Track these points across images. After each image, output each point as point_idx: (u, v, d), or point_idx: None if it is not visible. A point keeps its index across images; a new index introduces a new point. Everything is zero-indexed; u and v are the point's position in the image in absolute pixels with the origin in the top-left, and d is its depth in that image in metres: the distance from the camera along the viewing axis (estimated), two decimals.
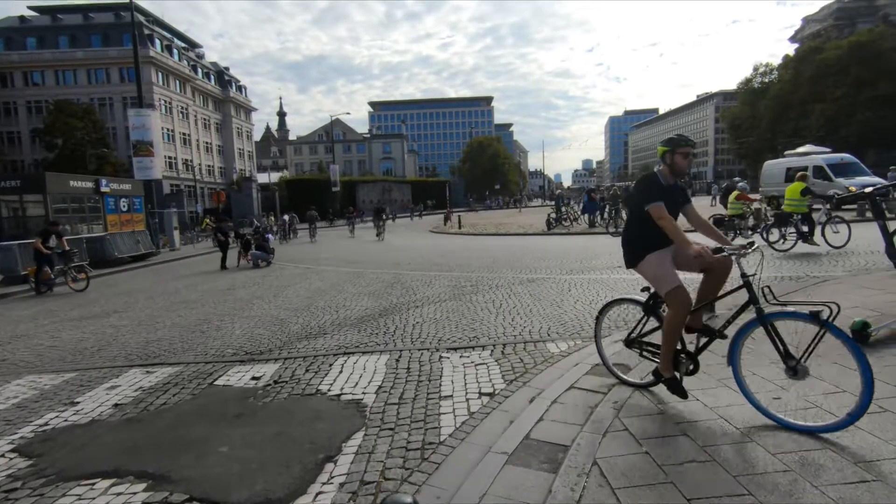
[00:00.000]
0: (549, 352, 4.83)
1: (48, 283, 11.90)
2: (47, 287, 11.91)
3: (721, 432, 2.89)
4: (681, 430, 2.96)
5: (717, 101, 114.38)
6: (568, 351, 4.80)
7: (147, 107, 50.07)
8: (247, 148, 75.06)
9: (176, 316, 7.85)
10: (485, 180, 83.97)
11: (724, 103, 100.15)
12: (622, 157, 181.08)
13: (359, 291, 8.92)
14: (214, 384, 4.57)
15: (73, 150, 43.27)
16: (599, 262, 10.47)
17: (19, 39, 52.19)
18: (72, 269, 11.94)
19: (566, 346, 4.99)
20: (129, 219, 23.72)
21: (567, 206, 23.05)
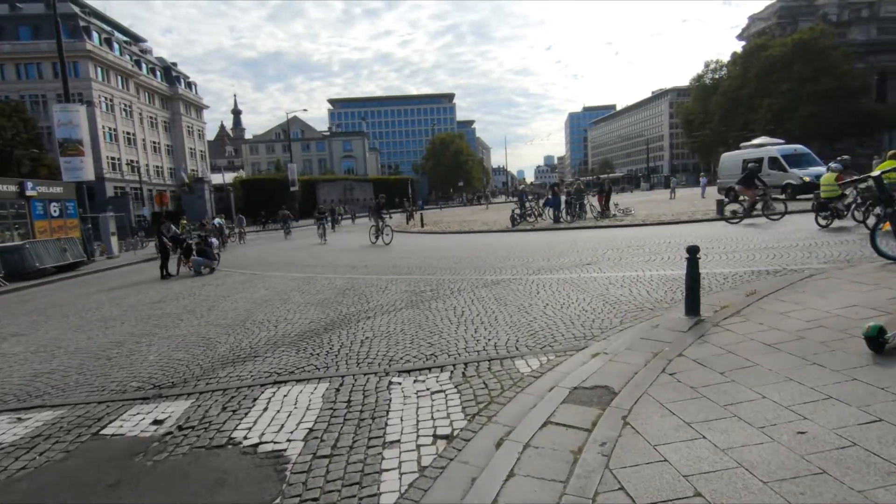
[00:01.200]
0: (518, 372, 4.09)
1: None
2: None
3: (744, 487, 2.21)
4: (693, 487, 2.25)
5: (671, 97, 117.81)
6: (540, 370, 4.07)
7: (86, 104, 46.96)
8: (199, 147, 71.60)
9: (85, 338, 6.71)
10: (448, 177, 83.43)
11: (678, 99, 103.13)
12: (582, 153, 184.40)
13: (306, 301, 7.97)
14: (100, 434, 3.60)
15: (8, 152, 39.78)
16: (567, 261, 9.88)
17: None
18: None
19: (537, 362, 4.27)
20: (61, 224, 21.67)
21: (531, 202, 22.58)
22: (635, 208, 22.75)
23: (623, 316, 5.49)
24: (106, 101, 50.81)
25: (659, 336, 4.51)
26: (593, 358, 4.19)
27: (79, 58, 47.72)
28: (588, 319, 5.48)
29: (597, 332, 4.98)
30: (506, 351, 4.68)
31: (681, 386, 3.38)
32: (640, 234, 13.73)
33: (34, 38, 47.94)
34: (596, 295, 6.59)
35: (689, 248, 4.89)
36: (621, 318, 5.43)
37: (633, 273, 7.85)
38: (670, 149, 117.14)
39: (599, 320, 5.41)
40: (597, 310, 5.85)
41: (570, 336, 4.95)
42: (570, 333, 5.03)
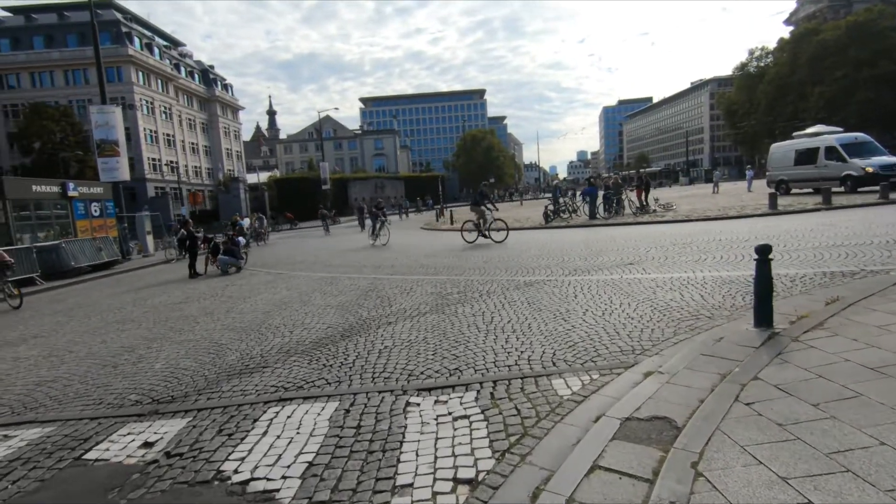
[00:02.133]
0: (556, 394, 3.48)
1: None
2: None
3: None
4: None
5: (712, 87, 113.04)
6: (582, 392, 3.45)
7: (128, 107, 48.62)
8: (235, 148, 73.31)
9: (99, 342, 6.48)
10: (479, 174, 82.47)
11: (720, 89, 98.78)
12: (617, 147, 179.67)
13: (326, 303, 7.55)
14: (83, 459, 3.21)
15: (51, 155, 41.63)
16: (606, 260, 9.13)
17: None
18: (8, 285, 10.54)
19: (579, 382, 3.65)
20: (101, 224, 22.24)
21: (565, 198, 21.67)
22: (676, 203, 21.51)
23: (676, 325, 4.78)
24: (147, 103, 52.47)
25: (725, 352, 3.80)
26: (646, 378, 3.53)
27: (121, 63, 49.43)
28: (635, 329, 4.79)
29: (647, 345, 4.31)
30: (541, 366, 4.07)
31: (763, 421, 2.71)
32: (685, 230, 12.76)
33: (80, 44, 49.93)
34: (642, 300, 5.87)
35: (758, 247, 4.15)
36: (674, 327, 4.72)
37: (683, 274, 7.06)
38: (711, 141, 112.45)
39: (649, 330, 4.72)
40: (644, 317, 5.15)
41: (616, 349, 4.29)
42: (616, 346, 4.37)
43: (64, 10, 52.32)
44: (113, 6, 53.73)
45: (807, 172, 20.89)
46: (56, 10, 53.14)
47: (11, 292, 10.46)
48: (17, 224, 18.37)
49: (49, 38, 50.82)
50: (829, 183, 18.04)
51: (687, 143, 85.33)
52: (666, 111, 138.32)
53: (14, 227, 18.17)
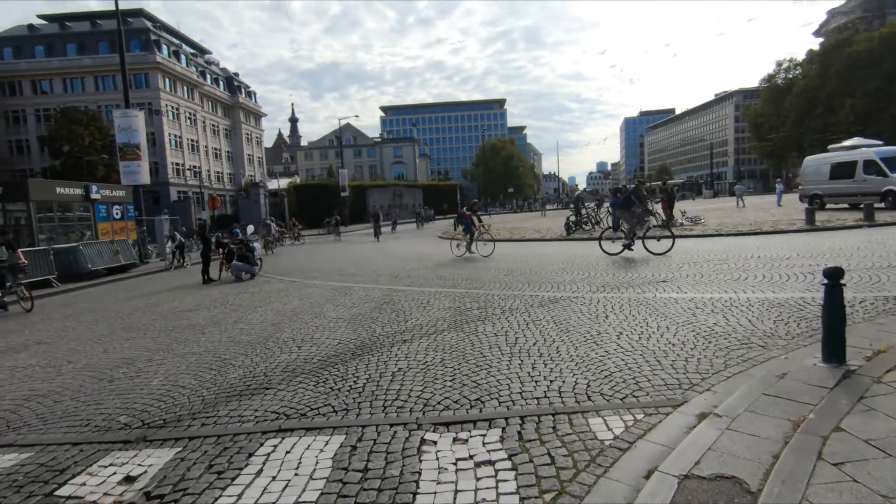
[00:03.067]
0: (594, 437, 3.00)
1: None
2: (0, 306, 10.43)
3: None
4: None
5: (737, 99, 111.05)
6: (626, 437, 2.96)
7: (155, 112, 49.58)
8: (256, 154, 74.28)
9: (101, 351, 6.18)
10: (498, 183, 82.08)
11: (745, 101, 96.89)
12: (638, 159, 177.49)
13: (339, 315, 7.16)
14: (54, 496, 2.83)
15: (79, 158, 42.56)
16: (636, 276, 8.57)
17: (28, 48, 51.98)
18: (21, 287, 10.42)
19: (620, 424, 3.15)
20: (122, 227, 22.41)
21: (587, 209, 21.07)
22: (704, 217, 20.72)
23: (726, 355, 4.24)
24: (173, 109, 53.47)
25: (792, 392, 3.27)
26: (701, 422, 3.02)
27: (149, 69, 50.52)
28: (679, 357, 4.27)
29: (695, 379, 3.79)
30: (574, 401, 3.58)
31: (863, 491, 2.19)
32: (717, 245, 12.09)
33: (111, 51, 51.13)
34: (682, 323, 5.33)
35: (828, 270, 3.62)
36: (724, 358, 4.19)
37: (724, 295, 6.49)
38: (735, 154, 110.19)
39: (695, 360, 4.19)
40: (687, 343, 4.62)
41: (660, 382, 3.78)
42: (659, 378, 3.86)
43: (97, 19, 53.87)
44: (143, 15, 55.14)
45: (843, 187, 19.94)
46: (89, 18, 54.74)
47: (24, 295, 10.34)
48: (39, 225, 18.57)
49: (81, 45, 52.28)
50: (869, 198, 17.12)
51: (711, 156, 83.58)
52: (689, 123, 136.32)
53: (36, 228, 18.37)
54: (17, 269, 10.63)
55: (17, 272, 10.65)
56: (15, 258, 10.72)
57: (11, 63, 51.08)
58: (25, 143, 51.33)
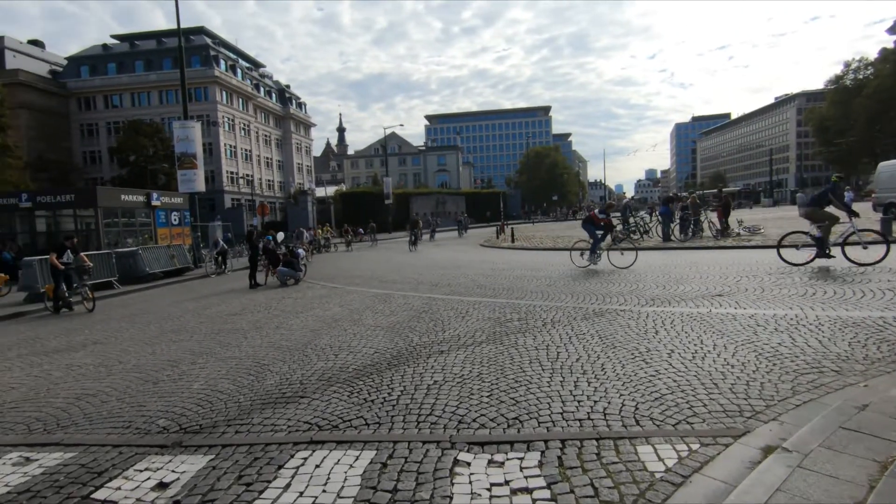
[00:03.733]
0: (644, 468, 2.73)
1: (65, 301, 11.08)
2: (66, 305, 11.10)
3: None
4: None
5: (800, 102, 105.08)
6: (681, 470, 2.67)
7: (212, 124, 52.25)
8: (305, 162, 76.78)
9: (149, 353, 6.39)
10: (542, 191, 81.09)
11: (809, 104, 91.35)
12: (690, 166, 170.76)
13: (377, 323, 7.12)
14: (91, 498, 2.86)
15: (144, 167, 45.42)
16: (689, 289, 8.07)
17: (101, 66, 56.12)
18: (85, 288, 11.06)
19: (673, 454, 2.86)
20: (179, 232, 23.64)
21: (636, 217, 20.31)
22: (763, 226, 19.50)
23: (794, 380, 3.83)
24: (228, 121, 56.16)
25: (875, 427, 2.87)
26: (767, 457, 2.70)
27: (208, 83, 53.35)
28: (739, 381, 3.90)
29: (758, 405, 3.43)
30: (621, 424, 3.31)
31: None
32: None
33: (174, 67, 54.43)
34: (741, 342, 4.91)
35: None
36: (791, 383, 3.78)
37: (789, 311, 5.96)
38: (798, 160, 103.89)
39: (757, 384, 3.81)
40: (748, 365, 4.23)
41: (717, 408, 3.45)
42: (716, 403, 3.52)
43: (162, 37, 57.52)
44: (204, 32, 58.46)
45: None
46: (156, 37, 58.57)
47: (87, 295, 10.96)
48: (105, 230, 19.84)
49: (148, 62, 55.92)
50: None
51: (771, 162, 79.13)
52: (746, 128, 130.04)
53: (103, 233, 19.63)
54: (82, 270, 11.30)
55: (83, 274, 11.32)
56: (80, 261, 11.40)
57: (87, 80, 55.30)
58: (98, 153, 55.26)
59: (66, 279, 11.09)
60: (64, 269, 10.93)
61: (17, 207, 19.81)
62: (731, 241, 15.73)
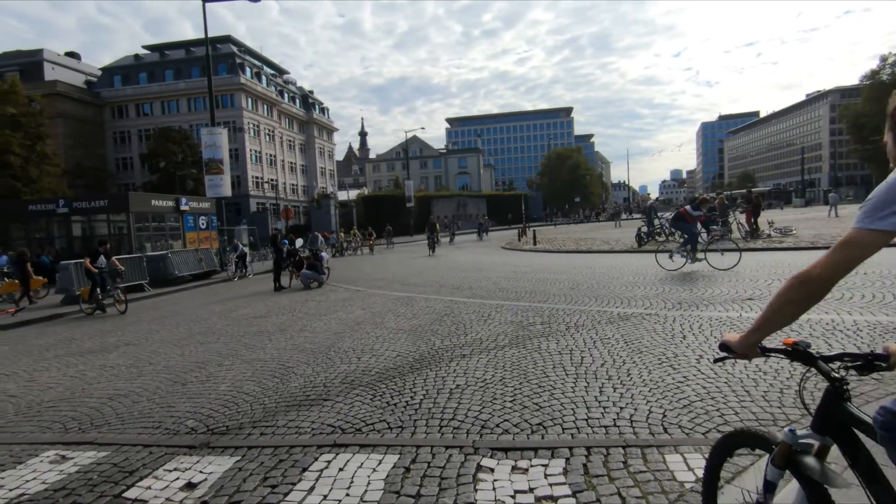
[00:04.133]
0: (672, 478, 2.66)
1: (99, 304, 11.47)
2: (99, 308, 11.48)
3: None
4: None
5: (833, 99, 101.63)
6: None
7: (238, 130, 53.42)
8: (328, 166, 77.82)
9: (178, 354, 6.55)
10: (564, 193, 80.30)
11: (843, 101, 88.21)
12: (717, 166, 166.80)
13: (399, 326, 7.14)
14: (123, 497, 2.93)
15: (173, 173, 46.76)
16: (717, 293, 7.86)
17: (133, 75, 58.05)
18: (118, 291, 11.42)
19: (703, 462, 2.77)
20: (206, 236, 24.24)
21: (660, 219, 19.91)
22: (795, 227, 18.89)
23: None
24: (253, 126, 57.36)
25: None
26: None
27: (234, 90, 54.60)
28: (772, 388, 3.77)
29: (793, 415, 3.30)
30: (648, 432, 3.23)
31: None
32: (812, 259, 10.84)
33: (202, 76, 55.89)
34: None
35: None
36: None
37: (824, 316, 5.75)
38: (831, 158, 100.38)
39: (792, 392, 3.68)
40: (782, 372, 4.09)
41: (749, 416, 3.34)
42: (749, 412, 3.41)
43: (191, 47, 59.16)
44: (231, 41, 59.87)
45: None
46: (184, 46, 60.29)
47: (119, 298, 11.32)
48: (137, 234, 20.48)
49: (178, 70, 57.58)
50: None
51: (802, 161, 76.70)
52: (775, 126, 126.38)
53: (135, 237, 20.26)
54: (115, 274, 11.67)
55: (115, 277, 11.69)
56: (112, 265, 11.77)
57: (120, 89, 57.25)
58: (130, 160, 57.09)
59: (100, 282, 11.47)
60: (98, 272, 11.31)
61: (55, 213, 20.63)
62: (761, 243, 15.28)
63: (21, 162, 36.89)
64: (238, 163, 52.92)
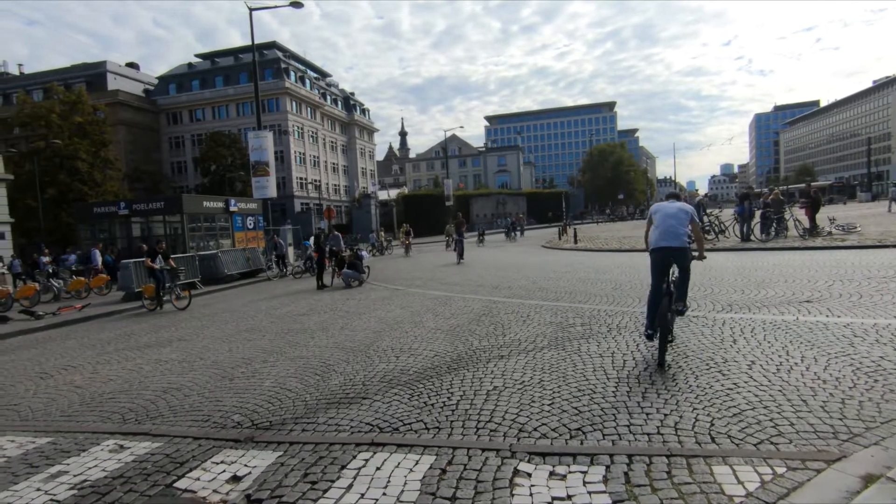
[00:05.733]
0: (721, 491, 2.53)
1: (159, 300, 12.01)
2: (159, 304, 12.03)
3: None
4: None
5: None
6: (764, 494, 2.46)
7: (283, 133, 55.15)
8: (369, 167, 79.13)
9: (226, 350, 6.83)
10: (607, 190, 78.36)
11: None
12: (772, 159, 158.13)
13: (437, 326, 7.16)
14: (173, 487, 3.09)
15: (223, 176, 48.85)
16: (772, 294, 7.45)
17: (187, 83, 60.98)
18: (176, 288, 12.00)
19: (755, 477, 2.64)
20: (254, 236, 25.20)
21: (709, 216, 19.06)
22: (860, 224, 17.64)
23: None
24: (298, 129, 59.06)
25: None
26: (868, 487, 2.41)
27: (279, 94, 56.39)
28: (832, 398, 3.53)
29: (857, 428, 3.08)
30: (695, 441, 3.10)
31: None
32: (880, 259, 10.15)
33: (250, 81, 58.04)
34: (834, 354, 4.45)
35: None
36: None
37: (893, 322, 5.34)
38: None
39: (855, 403, 3.43)
40: (844, 381, 3.82)
41: (807, 428, 3.14)
42: (805, 423, 3.21)
43: (239, 54, 61.53)
44: (276, 46, 61.88)
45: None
46: (233, 53, 62.76)
47: (180, 294, 11.81)
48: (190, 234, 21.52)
49: (227, 77, 60.03)
50: None
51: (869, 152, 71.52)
52: (837, 116, 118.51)
53: (188, 237, 21.31)
54: (174, 272, 12.24)
55: (175, 275, 12.26)
56: (168, 264, 12.36)
57: (174, 97, 60.31)
58: (184, 163, 60.04)
59: (161, 280, 11.94)
60: (158, 270, 11.85)
61: (117, 215, 21.98)
62: (820, 241, 14.35)
63: (87, 167, 39.55)
64: (283, 164, 54.63)
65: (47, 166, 37.03)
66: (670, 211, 4.96)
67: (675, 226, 4.82)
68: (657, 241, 4.91)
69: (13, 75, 62.77)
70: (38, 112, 38.95)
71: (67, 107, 39.43)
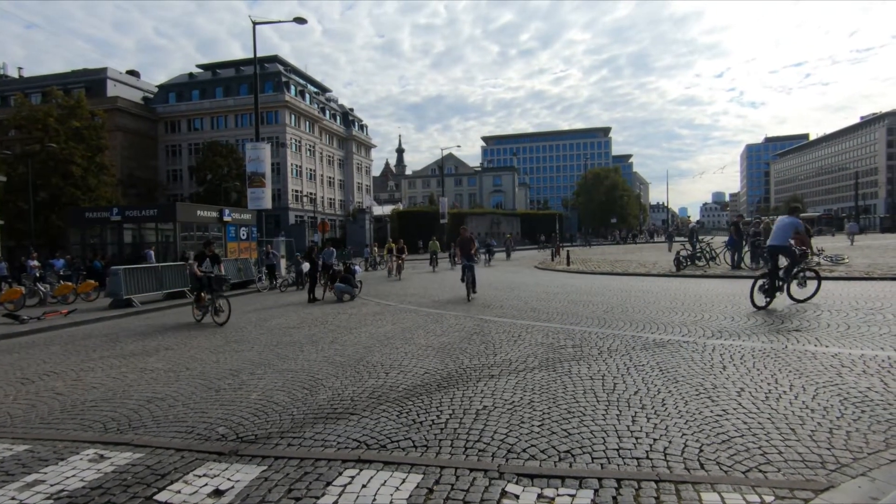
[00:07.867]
0: None
1: (205, 310, 10.52)
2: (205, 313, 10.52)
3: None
4: None
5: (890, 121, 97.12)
6: None
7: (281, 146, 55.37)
8: (365, 182, 79.46)
9: (213, 360, 6.74)
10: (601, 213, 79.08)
11: None
12: (762, 189, 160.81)
13: (428, 343, 7.13)
14: (153, 500, 3.01)
15: (219, 185, 48.79)
16: (761, 322, 7.51)
17: (187, 93, 61.33)
18: (219, 299, 10.36)
19: (742, 503, 2.62)
20: (247, 246, 25.04)
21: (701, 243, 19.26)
22: (848, 255, 17.91)
23: (887, 431, 3.43)
24: (295, 142, 59.38)
25: None
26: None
27: (279, 107, 56.82)
28: (820, 427, 3.54)
29: (844, 458, 3.09)
30: (683, 467, 3.09)
31: None
32: (867, 291, 10.28)
33: (250, 93, 58.43)
34: (823, 383, 4.48)
35: None
36: (885, 434, 3.39)
37: (880, 352, 5.38)
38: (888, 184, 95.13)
39: (843, 432, 3.44)
40: (831, 410, 3.84)
41: (795, 456, 3.14)
42: (793, 451, 3.21)
43: (240, 66, 62.11)
44: (278, 60, 62.55)
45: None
46: (235, 65, 63.34)
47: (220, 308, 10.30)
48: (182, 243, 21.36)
49: (227, 88, 60.50)
50: None
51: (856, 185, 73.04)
52: (826, 149, 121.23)
53: (180, 245, 21.14)
54: (220, 280, 10.66)
55: (221, 283, 10.72)
56: (219, 269, 10.69)
57: (174, 105, 60.57)
58: (179, 172, 59.99)
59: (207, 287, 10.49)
60: (204, 276, 10.43)
61: (109, 220, 21.80)
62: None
63: (81, 172, 39.32)
64: (279, 176, 54.73)
65: (41, 169, 36.78)
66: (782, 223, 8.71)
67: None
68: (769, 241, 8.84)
69: (12, 78, 62.83)
70: (36, 115, 38.89)
71: (65, 111, 39.41)
